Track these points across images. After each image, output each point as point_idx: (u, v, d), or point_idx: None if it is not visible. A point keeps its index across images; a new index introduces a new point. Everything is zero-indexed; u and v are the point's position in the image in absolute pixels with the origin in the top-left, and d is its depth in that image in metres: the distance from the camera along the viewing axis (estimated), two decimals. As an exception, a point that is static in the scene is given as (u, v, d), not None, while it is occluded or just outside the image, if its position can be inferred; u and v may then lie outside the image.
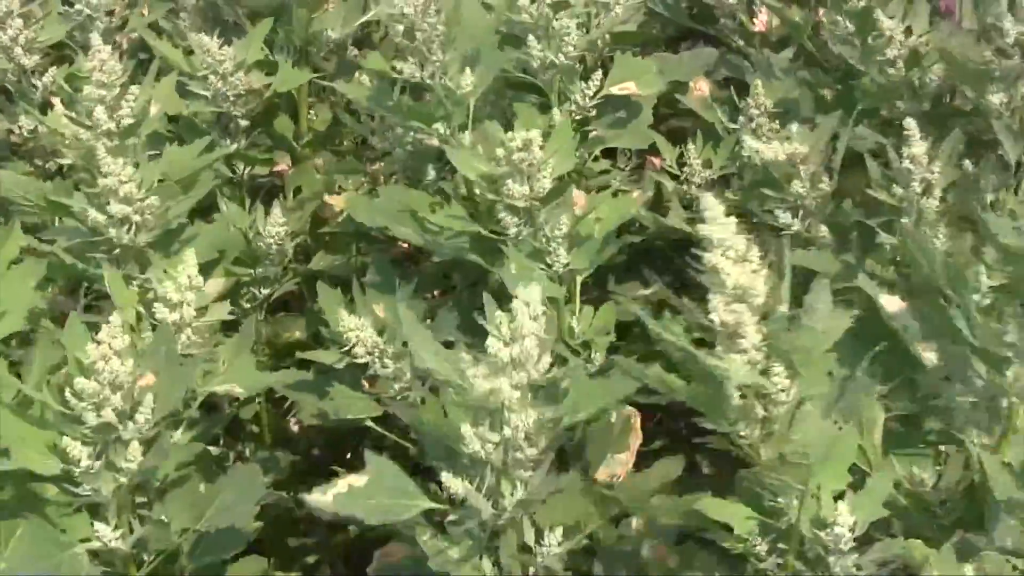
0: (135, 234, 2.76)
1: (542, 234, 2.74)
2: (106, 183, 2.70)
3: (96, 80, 2.76)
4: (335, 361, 2.79)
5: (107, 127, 2.75)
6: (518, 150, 2.62)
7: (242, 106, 3.31)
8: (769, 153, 2.87)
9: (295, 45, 3.45)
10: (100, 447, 2.30)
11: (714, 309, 2.12)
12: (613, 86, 3.12)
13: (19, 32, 3.34)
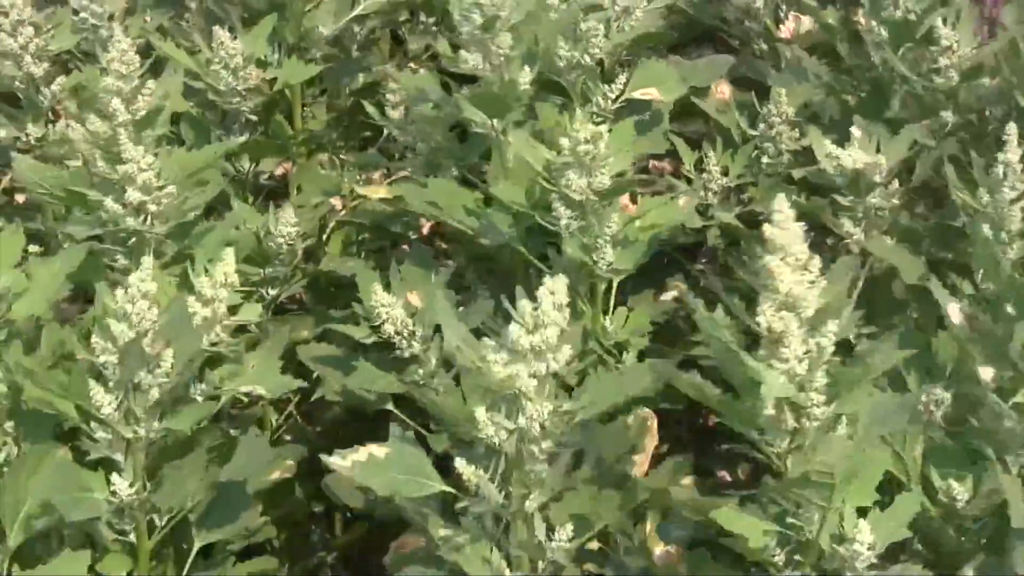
0: (151, 224, 2.75)
1: (593, 230, 2.74)
2: (125, 170, 2.69)
3: (115, 71, 2.75)
4: (364, 336, 2.78)
5: (124, 118, 2.73)
6: (584, 142, 2.63)
7: (250, 101, 3.31)
8: (848, 161, 2.85)
9: (288, 42, 3.45)
10: (121, 395, 2.34)
11: (762, 314, 2.13)
12: (635, 90, 3.14)
13: (29, 40, 3.31)
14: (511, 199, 2.80)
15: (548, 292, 2.13)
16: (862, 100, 3.24)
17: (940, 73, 3.11)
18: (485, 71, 2.91)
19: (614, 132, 2.74)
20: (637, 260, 2.79)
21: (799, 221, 2.19)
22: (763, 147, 3.25)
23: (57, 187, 2.80)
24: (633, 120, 2.85)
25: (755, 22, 3.64)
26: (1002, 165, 2.66)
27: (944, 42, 3.10)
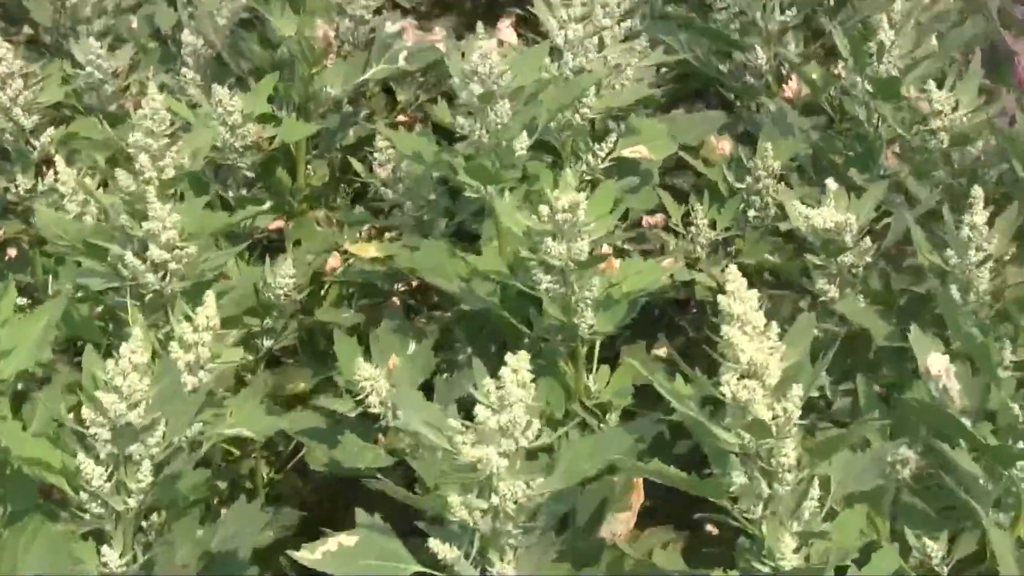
0: (169, 282, 2.81)
1: (572, 295, 2.77)
2: (150, 227, 2.75)
3: (145, 128, 2.82)
4: (348, 410, 2.81)
5: (151, 175, 2.81)
6: (563, 210, 2.66)
7: (247, 158, 3.37)
8: (818, 220, 2.90)
9: (295, 101, 3.53)
10: (112, 467, 2.36)
11: (726, 384, 2.18)
12: (625, 149, 3.21)
13: (19, 92, 3.37)
14: (491, 268, 2.84)
15: (511, 371, 2.19)
16: (849, 158, 3.31)
17: (933, 135, 3.17)
18: (482, 137, 2.95)
19: (595, 197, 2.77)
20: (619, 322, 2.81)
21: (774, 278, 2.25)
22: (750, 200, 3.32)
23: (78, 239, 2.85)
24: (613, 184, 2.87)
25: (758, 79, 3.73)
26: (968, 227, 2.71)
27: (936, 105, 3.15)
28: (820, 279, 2.98)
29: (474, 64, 2.90)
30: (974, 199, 2.70)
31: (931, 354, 2.39)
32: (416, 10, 4.57)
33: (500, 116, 2.93)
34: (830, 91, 3.54)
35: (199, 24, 3.61)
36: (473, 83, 2.91)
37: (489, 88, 2.90)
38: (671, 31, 3.70)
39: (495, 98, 2.90)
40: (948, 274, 2.74)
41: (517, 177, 2.99)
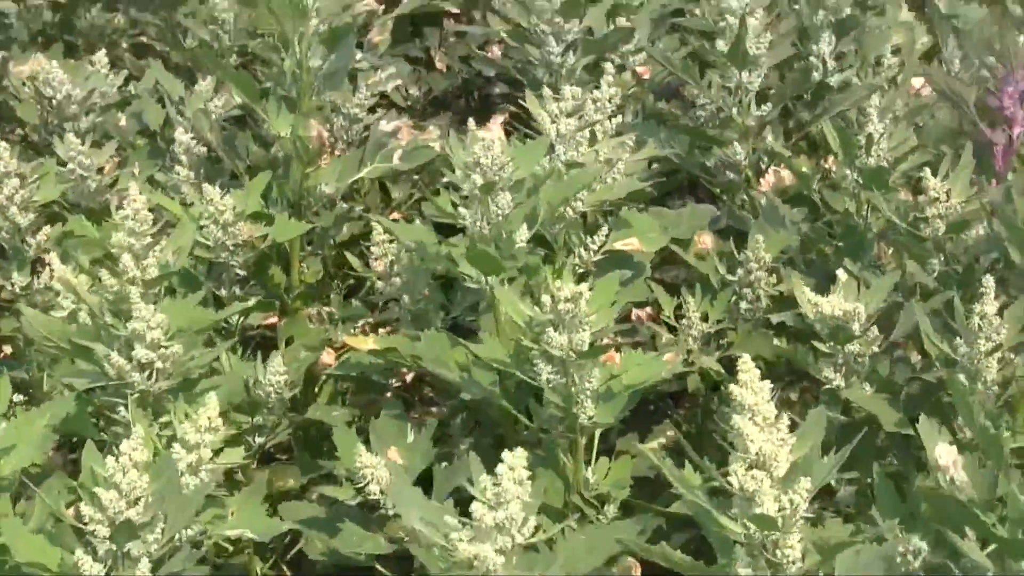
0: (155, 381, 2.83)
1: (573, 385, 2.81)
2: (135, 327, 2.78)
3: (128, 228, 2.86)
4: (348, 498, 2.85)
5: (135, 275, 2.84)
6: (565, 301, 2.70)
7: (239, 256, 3.41)
8: (827, 308, 2.96)
9: (289, 198, 3.58)
10: (110, 564, 2.37)
11: (733, 473, 2.23)
12: (617, 242, 3.28)
13: (15, 191, 3.42)
14: (492, 357, 2.88)
15: (508, 468, 2.23)
16: (839, 248, 3.38)
17: (927, 222, 3.24)
18: (483, 228, 3.01)
19: (596, 288, 2.82)
20: (619, 413, 2.85)
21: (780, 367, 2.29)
22: (742, 293, 3.38)
23: (64, 340, 2.89)
24: (616, 275, 2.91)
25: (737, 174, 3.81)
26: (978, 316, 2.76)
27: (932, 193, 3.22)
28: (826, 367, 3.04)
29: (476, 155, 2.96)
30: (986, 288, 2.76)
31: (939, 444, 2.42)
32: (410, 109, 4.68)
33: (501, 207, 2.99)
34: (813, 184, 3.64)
35: (194, 121, 3.67)
36: (475, 174, 2.97)
37: (491, 179, 2.96)
38: (652, 130, 3.79)
39: (497, 189, 2.96)
40: (956, 363, 2.79)
41: (517, 268, 3.04)
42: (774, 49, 3.76)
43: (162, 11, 4.74)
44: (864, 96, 3.65)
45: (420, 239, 3.13)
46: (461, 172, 3.00)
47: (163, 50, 4.77)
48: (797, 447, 2.25)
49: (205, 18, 4.46)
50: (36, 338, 2.92)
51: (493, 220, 3.00)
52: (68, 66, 4.06)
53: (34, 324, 2.92)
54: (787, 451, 2.23)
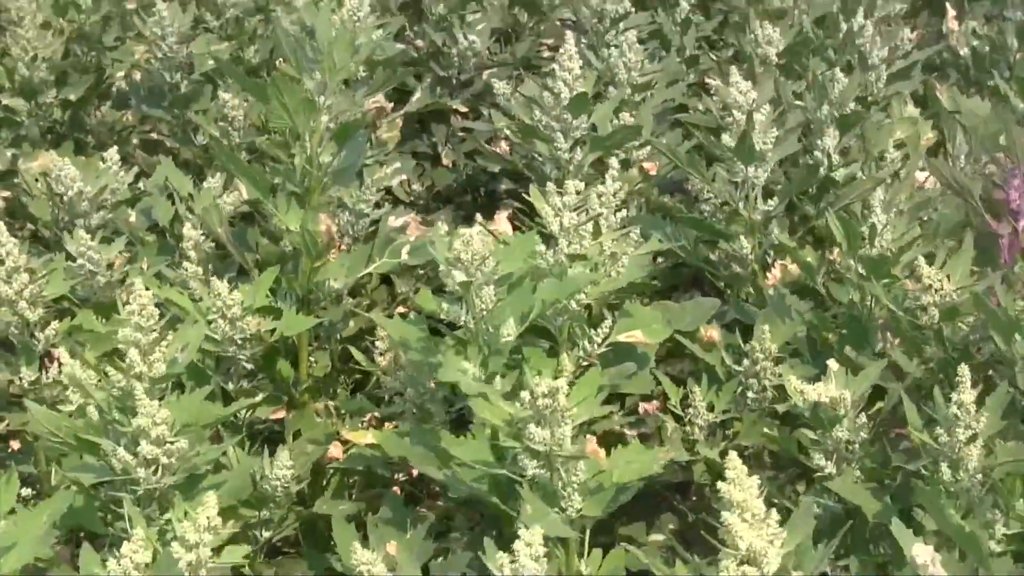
0: (161, 476, 2.89)
1: (559, 480, 2.85)
2: (139, 423, 2.84)
3: (134, 324, 2.93)
4: None
5: (141, 370, 2.91)
6: (543, 396, 2.75)
7: (247, 350, 3.48)
8: (813, 395, 3.03)
9: (297, 293, 3.67)
10: None
11: (724, 570, 2.29)
12: (621, 334, 3.34)
13: (24, 286, 3.51)
14: (475, 458, 2.93)
15: (525, 544, 2.30)
16: (843, 336, 3.46)
17: (924, 311, 3.31)
18: (468, 323, 3.08)
19: (580, 381, 2.88)
20: (607, 508, 2.89)
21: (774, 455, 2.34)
22: (747, 383, 3.46)
23: (70, 435, 2.95)
24: (607, 368, 2.99)
25: (743, 267, 3.90)
26: (955, 405, 2.81)
27: (926, 281, 3.30)
28: (816, 454, 3.09)
29: (456, 251, 3.02)
30: (962, 378, 2.82)
31: (915, 545, 2.48)
32: (413, 204, 4.80)
33: (485, 302, 3.05)
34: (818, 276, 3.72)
35: (204, 217, 3.77)
36: (456, 270, 3.03)
37: (471, 275, 3.02)
38: (658, 224, 3.88)
39: (478, 285, 3.02)
40: (938, 452, 2.84)
41: (503, 363, 3.08)
42: (780, 144, 3.86)
43: (173, 108, 4.89)
44: (868, 189, 3.75)
45: (407, 336, 3.18)
46: (444, 268, 3.06)
47: (173, 146, 4.92)
48: (788, 539, 2.30)
49: (216, 115, 4.61)
50: (43, 435, 2.98)
51: (478, 315, 3.06)
52: (79, 163, 4.15)
53: (40, 420, 2.98)
54: (777, 546, 2.28)
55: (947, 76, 4.97)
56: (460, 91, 5.20)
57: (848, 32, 4.67)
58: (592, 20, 5.04)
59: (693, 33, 5.14)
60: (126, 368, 2.90)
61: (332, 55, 3.52)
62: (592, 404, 2.90)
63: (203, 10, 5.26)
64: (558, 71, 4.01)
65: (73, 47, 5.28)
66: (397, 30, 4.88)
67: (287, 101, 3.49)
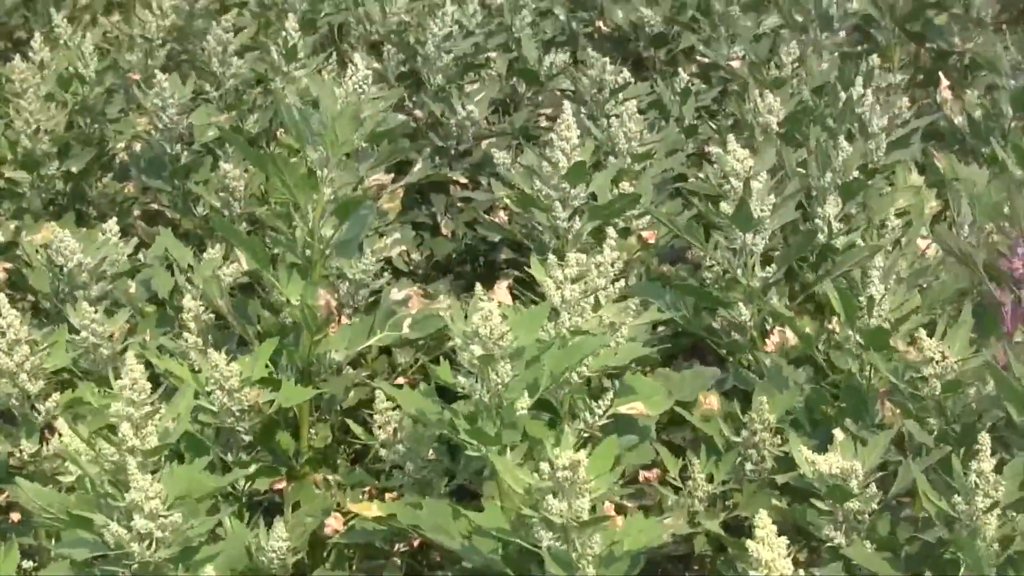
0: (155, 550, 2.92)
1: (575, 552, 2.89)
2: (132, 498, 2.88)
3: (126, 398, 2.97)
4: None
5: (133, 444, 2.94)
6: (563, 468, 2.82)
7: (246, 421, 3.53)
8: (824, 466, 3.08)
9: (298, 365, 3.72)
10: None
11: None
12: (622, 406, 3.40)
13: (25, 358, 3.56)
14: (493, 525, 2.98)
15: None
16: (842, 408, 3.51)
17: (925, 382, 3.36)
18: (483, 397, 3.13)
19: (596, 454, 2.93)
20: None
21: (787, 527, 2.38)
22: (747, 454, 3.50)
23: (61, 511, 2.98)
24: (614, 440, 3.01)
25: (742, 335, 3.96)
26: (975, 474, 2.87)
27: (928, 353, 3.35)
28: (827, 526, 3.13)
29: (475, 326, 3.09)
30: (981, 446, 2.87)
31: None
32: (412, 273, 4.87)
33: (501, 377, 3.11)
34: (818, 344, 3.78)
35: (204, 288, 3.83)
36: (474, 344, 3.09)
37: (490, 350, 3.07)
38: (657, 292, 3.94)
39: (495, 360, 3.09)
40: (956, 521, 2.88)
41: (518, 438, 3.14)
42: (778, 211, 3.93)
43: (174, 179, 4.97)
44: (868, 257, 3.80)
45: (421, 407, 3.24)
46: (461, 342, 3.12)
47: (174, 217, 4.99)
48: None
49: (216, 186, 4.69)
50: (34, 510, 3.01)
51: (493, 389, 3.12)
52: (80, 234, 4.22)
53: (31, 496, 3.02)
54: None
55: (946, 144, 5.05)
56: (459, 161, 5.29)
57: (847, 101, 4.75)
58: (591, 90, 5.14)
59: (692, 103, 5.23)
60: (118, 442, 2.94)
61: (336, 129, 3.59)
62: (608, 477, 2.96)
63: (203, 81, 5.36)
64: (556, 141, 4.09)
65: (76, 119, 5.37)
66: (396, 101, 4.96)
67: (288, 176, 3.56)
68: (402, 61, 5.68)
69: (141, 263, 4.33)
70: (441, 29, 5.46)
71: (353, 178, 3.73)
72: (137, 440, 2.95)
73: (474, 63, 5.70)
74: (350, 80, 3.79)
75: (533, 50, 5.84)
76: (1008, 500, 2.89)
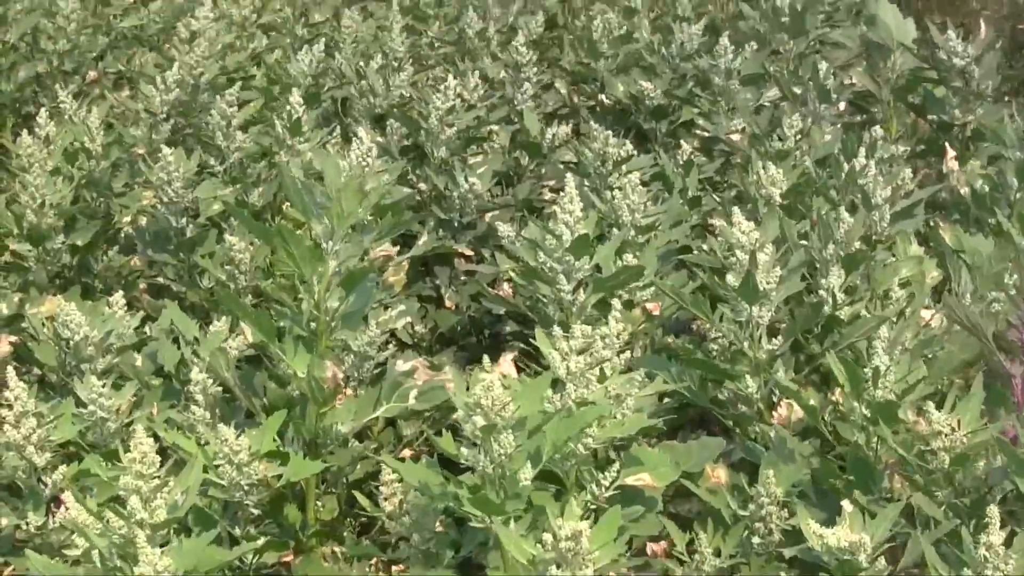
0: (164, 621, 2.95)
1: None
2: (142, 572, 2.92)
3: (135, 471, 3.01)
4: None
5: (142, 517, 2.98)
6: (566, 539, 2.85)
7: (254, 495, 3.56)
8: (832, 539, 3.12)
9: (305, 437, 3.75)
10: None
11: None
12: (628, 477, 3.44)
13: (32, 431, 3.61)
14: None
15: None
16: (849, 481, 3.54)
17: (934, 455, 3.39)
18: (487, 468, 3.16)
19: (600, 524, 2.97)
20: None
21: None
22: (754, 527, 3.53)
23: (69, 586, 3.03)
24: (618, 511, 3.05)
25: (749, 407, 3.99)
26: (984, 547, 2.90)
27: (936, 426, 3.39)
28: (840, 601, 3.16)
29: (477, 396, 3.13)
30: (991, 519, 2.90)
31: None
32: (416, 346, 4.91)
33: (504, 447, 3.15)
34: (825, 416, 3.81)
35: (211, 361, 3.88)
36: (476, 415, 3.14)
37: (492, 420, 3.12)
38: (663, 364, 3.98)
39: (498, 430, 3.13)
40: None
41: (522, 508, 3.17)
42: (784, 283, 3.98)
43: (179, 252, 5.03)
44: (873, 328, 3.84)
45: (425, 479, 3.28)
46: (463, 413, 3.16)
47: (179, 290, 5.05)
48: None
49: (221, 259, 4.75)
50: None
51: (496, 459, 3.15)
52: (85, 308, 4.28)
53: (41, 568, 3.07)
54: None
55: (949, 215, 5.11)
56: (462, 233, 5.36)
57: (850, 172, 4.82)
58: (595, 163, 5.21)
59: (695, 175, 5.30)
60: (127, 515, 2.98)
61: (340, 201, 3.65)
62: (612, 548, 2.99)
63: (208, 155, 5.44)
64: (559, 213, 4.15)
65: (82, 193, 5.45)
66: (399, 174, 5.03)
67: (294, 248, 3.62)
68: (405, 135, 5.77)
69: (147, 336, 4.38)
70: (443, 103, 5.54)
71: (358, 250, 3.79)
72: (146, 513, 2.98)
73: (477, 136, 5.78)
74: (354, 153, 3.86)
75: (535, 123, 5.93)
76: (1018, 573, 2.91)
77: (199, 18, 6.83)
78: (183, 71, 5.96)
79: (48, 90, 7.01)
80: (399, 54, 6.68)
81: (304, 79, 6.28)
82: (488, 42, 7.07)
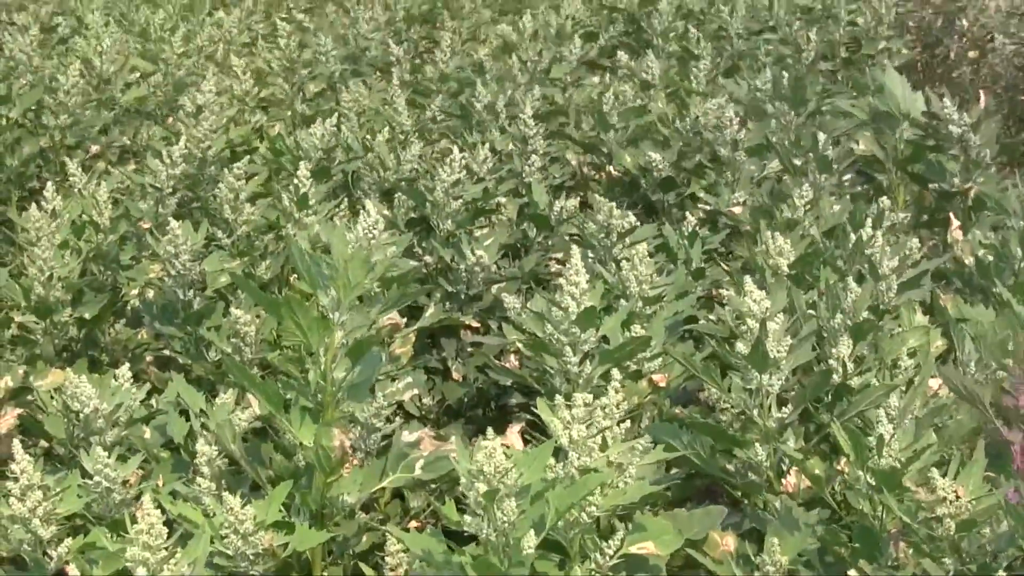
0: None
1: None
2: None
3: (143, 543, 3.09)
4: None
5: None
6: None
7: (260, 565, 3.63)
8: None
9: (311, 508, 3.82)
10: None
11: None
12: (632, 546, 3.50)
13: (38, 504, 3.67)
14: None
15: None
16: (855, 550, 3.59)
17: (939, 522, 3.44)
18: (489, 535, 3.23)
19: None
20: None
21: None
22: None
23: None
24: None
25: (759, 476, 4.05)
26: None
27: (941, 493, 3.45)
28: None
29: (479, 463, 3.21)
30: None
31: None
32: (423, 418, 4.98)
33: (507, 514, 3.22)
34: (834, 485, 3.87)
35: (218, 433, 3.95)
36: (479, 482, 3.21)
37: (494, 487, 3.20)
38: (673, 432, 4.05)
39: (500, 497, 3.20)
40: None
41: (525, 574, 3.24)
42: (794, 352, 4.05)
43: (186, 325, 5.12)
44: (882, 396, 3.91)
45: (428, 549, 3.35)
46: (466, 480, 3.24)
47: (186, 363, 5.13)
48: None
49: (228, 331, 4.84)
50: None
51: (499, 527, 3.23)
52: (93, 380, 4.35)
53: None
54: None
55: (951, 284, 5.18)
56: (469, 305, 5.44)
57: (858, 242, 4.90)
58: (599, 235, 5.30)
59: (700, 246, 5.39)
60: (135, 586, 3.06)
61: (347, 272, 3.73)
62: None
63: (215, 228, 5.54)
64: (565, 286, 4.24)
65: (89, 266, 5.55)
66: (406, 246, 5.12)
67: (301, 318, 3.70)
68: (412, 207, 5.86)
69: (155, 409, 4.45)
70: (450, 175, 5.64)
71: (365, 321, 3.87)
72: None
73: (484, 208, 5.88)
74: (361, 226, 3.95)
75: (543, 195, 6.03)
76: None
77: (204, 91, 6.97)
78: (190, 144, 6.08)
79: (51, 164, 7.14)
80: (406, 128, 6.80)
81: (315, 152, 6.40)
82: (497, 116, 7.18)
